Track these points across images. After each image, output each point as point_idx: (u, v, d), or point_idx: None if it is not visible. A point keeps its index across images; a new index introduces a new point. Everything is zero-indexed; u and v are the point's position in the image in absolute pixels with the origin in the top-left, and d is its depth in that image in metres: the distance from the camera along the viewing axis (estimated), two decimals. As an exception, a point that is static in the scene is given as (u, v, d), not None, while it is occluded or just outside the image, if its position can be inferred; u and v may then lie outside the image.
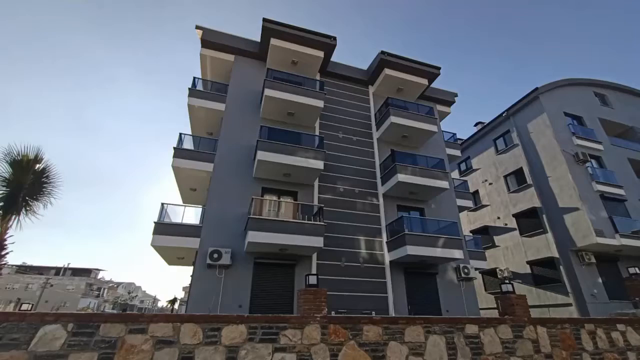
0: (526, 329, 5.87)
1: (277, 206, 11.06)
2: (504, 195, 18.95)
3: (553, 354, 5.81)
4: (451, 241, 11.52)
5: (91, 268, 59.09)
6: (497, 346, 5.50)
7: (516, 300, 6.15)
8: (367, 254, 11.75)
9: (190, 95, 12.54)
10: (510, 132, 19.37)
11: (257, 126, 11.96)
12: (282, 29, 13.01)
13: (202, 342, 4.07)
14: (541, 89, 18.24)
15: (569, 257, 14.80)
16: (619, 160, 17.87)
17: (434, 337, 5.18)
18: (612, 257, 15.32)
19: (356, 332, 4.79)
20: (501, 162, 19.61)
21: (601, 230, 14.30)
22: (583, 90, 19.99)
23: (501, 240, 18.53)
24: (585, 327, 6.42)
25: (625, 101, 20.97)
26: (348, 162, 13.35)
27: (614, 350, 6.40)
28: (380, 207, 12.87)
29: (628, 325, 6.88)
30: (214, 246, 9.73)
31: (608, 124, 19.18)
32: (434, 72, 15.47)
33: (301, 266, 10.62)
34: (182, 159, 11.36)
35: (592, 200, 15.21)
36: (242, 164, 11.67)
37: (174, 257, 11.73)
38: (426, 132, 14.16)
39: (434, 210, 13.65)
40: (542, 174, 16.96)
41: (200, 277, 9.55)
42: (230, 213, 10.62)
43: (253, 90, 13.21)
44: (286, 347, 4.36)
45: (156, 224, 9.81)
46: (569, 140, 16.84)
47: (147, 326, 3.96)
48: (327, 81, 14.76)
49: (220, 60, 13.69)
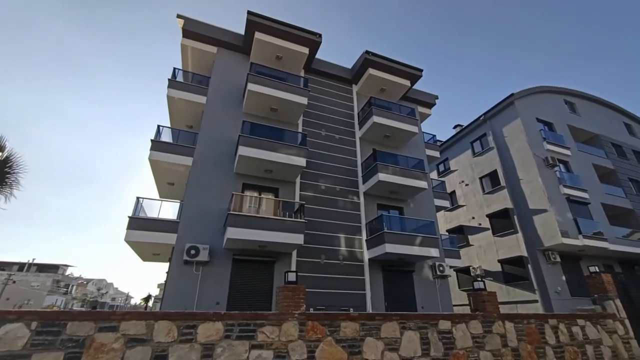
0: (495, 324, 6.15)
1: (258, 202, 10.94)
2: (479, 196, 19.66)
3: (519, 347, 6.13)
4: (428, 240, 11.84)
5: (59, 264, 56.25)
6: (468, 341, 5.73)
7: (487, 297, 6.43)
8: (347, 251, 11.87)
9: (170, 87, 12.14)
10: (486, 135, 20.09)
11: (239, 121, 11.76)
12: (267, 23, 12.82)
13: (177, 340, 3.98)
14: (516, 94, 19.02)
15: (536, 256, 15.59)
16: (585, 165, 18.97)
17: (409, 333, 5.32)
18: (575, 257, 16.28)
19: (334, 328, 4.84)
20: (477, 164, 20.32)
21: (566, 231, 15.15)
22: (554, 97, 21.04)
23: (475, 240, 19.24)
24: (549, 322, 6.81)
25: (592, 110, 22.27)
26: (330, 160, 13.40)
27: (574, 343, 6.83)
28: (361, 205, 13.03)
29: (587, 320, 7.35)
30: (191, 242, 9.52)
31: (576, 130, 20.30)
32: (416, 74, 15.77)
33: (281, 263, 10.59)
34: (160, 152, 10.99)
35: (559, 203, 16.07)
36: (222, 158, 11.46)
37: (149, 253, 11.37)
38: (407, 132, 14.44)
39: (412, 210, 13.97)
40: (515, 177, 17.73)
41: (177, 273, 9.32)
42: (209, 209, 10.41)
43: (236, 84, 12.97)
44: (263, 344, 4.34)
45: (131, 218, 9.46)
46: (540, 145, 17.68)
47: (118, 324, 3.82)
48: (312, 78, 14.72)
49: (201, 52, 13.33)
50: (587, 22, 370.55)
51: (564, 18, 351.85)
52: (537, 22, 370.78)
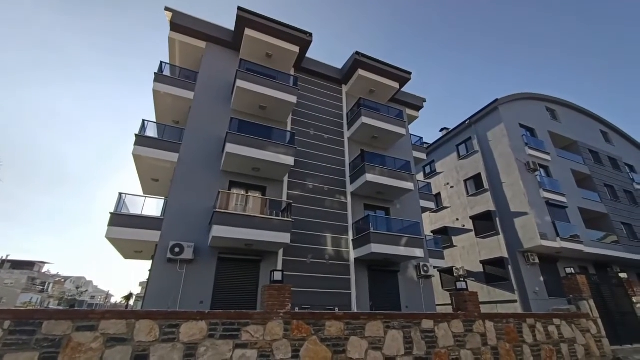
0: (476, 323, 6.31)
1: (245, 201, 10.85)
2: (463, 198, 20.10)
3: (498, 346, 6.31)
4: (413, 240, 12.03)
5: (35, 261, 54.13)
6: (450, 340, 5.87)
7: (469, 297, 6.60)
8: (333, 251, 11.92)
9: (156, 81, 11.87)
10: (471, 139, 20.55)
11: (227, 118, 11.62)
12: (257, 19, 12.71)
13: (159, 340, 3.91)
14: (501, 100, 19.54)
15: (516, 257, 16.08)
16: (563, 170, 19.68)
17: (392, 332, 5.40)
18: (552, 258, 16.88)
19: (319, 327, 4.86)
20: (462, 167, 20.77)
21: (545, 233, 15.68)
22: (536, 104, 21.73)
23: (459, 241, 19.67)
24: (526, 321, 7.04)
25: (572, 117, 23.12)
26: (318, 159, 13.42)
27: (550, 342, 7.09)
28: (348, 205, 13.10)
29: (563, 319, 7.64)
30: (175, 240, 9.35)
31: (556, 137, 21.03)
32: (405, 77, 15.96)
33: (267, 262, 10.53)
34: (145, 147, 10.73)
35: (539, 206, 16.61)
36: (209, 155, 11.29)
37: (131, 250, 11.09)
38: (395, 134, 14.61)
39: (398, 210, 14.15)
40: (498, 180, 18.21)
41: (160, 272, 9.13)
42: (194, 206, 10.25)
43: (224, 80, 12.80)
44: (247, 344, 4.32)
45: (112, 214, 9.20)
46: (522, 150, 18.23)
47: (97, 323, 3.73)
48: (301, 77, 14.69)
49: (190, 46, 13.08)
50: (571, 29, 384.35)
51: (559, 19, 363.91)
52: (530, 21, 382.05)
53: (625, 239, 19.18)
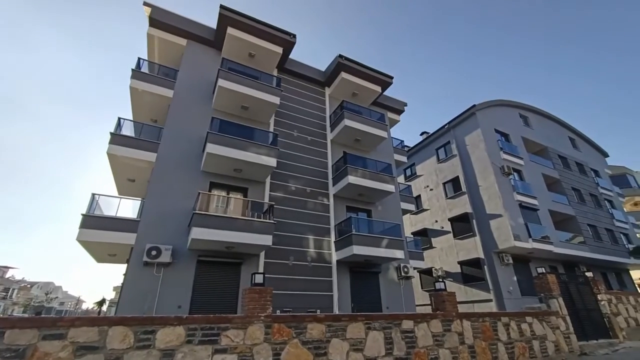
0: (454, 323, 6.47)
1: (226, 202, 10.64)
2: (442, 201, 20.64)
3: (475, 344, 6.50)
4: (394, 242, 12.21)
5: (-3, 265, 50.77)
6: (429, 339, 5.98)
7: (447, 297, 6.76)
8: (315, 253, 11.90)
9: (134, 77, 11.45)
10: (450, 143, 21.17)
11: (207, 117, 11.38)
12: (240, 19, 12.56)
13: (133, 347, 3.76)
14: (478, 106, 20.27)
15: (492, 258, 16.67)
16: (535, 174, 20.63)
17: (373, 333, 5.44)
18: (525, 259, 17.63)
19: (300, 330, 4.83)
20: (441, 170, 21.34)
21: (518, 235, 16.36)
22: (511, 111, 22.70)
23: (438, 242, 20.17)
24: (501, 320, 7.30)
25: (543, 124, 24.31)
26: (301, 161, 13.39)
27: (522, 339, 7.38)
28: (331, 207, 13.14)
29: (534, 317, 7.98)
30: (152, 242, 9.03)
31: (528, 142, 22.02)
32: (387, 81, 16.24)
33: (248, 265, 10.37)
34: (120, 145, 10.30)
35: (513, 209, 17.32)
36: (189, 155, 11.01)
37: (104, 253, 10.61)
38: (377, 137, 14.82)
39: (380, 212, 14.34)
40: (475, 183, 18.84)
41: (135, 276, 8.78)
42: (173, 207, 9.95)
43: (205, 79, 12.54)
44: (227, 348, 4.23)
45: (84, 216, 8.77)
46: (497, 154, 18.96)
47: (66, 331, 3.53)
48: (285, 78, 14.63)
49: (170, 43, 12.73)
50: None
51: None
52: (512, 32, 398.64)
53: (591, 240, 20.34)
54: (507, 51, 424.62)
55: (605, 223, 22.54)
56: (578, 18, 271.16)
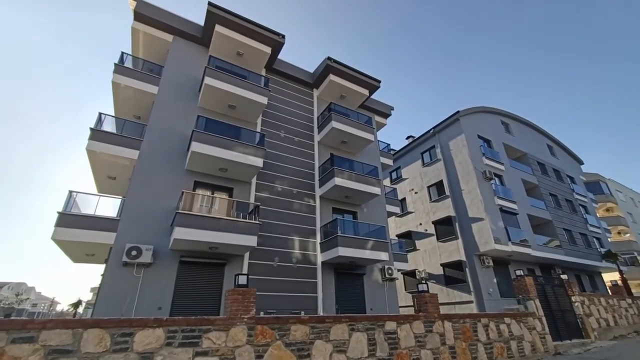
0: (436, 324, 6.58)
1: (211, 202, 10.45)
2: (426, 204, 21.00)
3: (455, 345, 6.62)
4: (379, 244, 12.32)
5: (-37, 265, 47.99)
6: (411, 340, 6.06)
7: (429, 298, 6.87)
8: (300, 254, 11.86)
9: (117, 72, 11.11)
10: (435, 147, 21.59)
11: (193, 115, 11.18)
12: (229, 17, 12.41)
13: (110, 350, 3.63)
14: (462, 112, 20.77)
15: (473, 260, 17.07)
16: (515, 180, 21.30)
17: (357, 335, 5.46)
18: (504, 261, 18.15)
19: (284, 332, 4.79)
20: (426, 174, 21.72)
21: (499, 238, 16.83)
22: (493, 117, 23.39)
23: (421, 244, 20.49)
24: (481, 321, 7.47)
25: (523, 131, 25.17)
26: (288, 162, 13.33)
27: (501, 340, 7.57)
28: (317, 208, 13.14)
29: (512, 318, 8.21)
30: (132, 242, 8.76)
31: (509, 148, 22.74)
32: (374, 85, 16.41)
33: (232, 266, 10.22)
34: (101, 142, 9.94)
35: (494, 213, 17.81)
36: (173, 154, 10.77)
37: (81, 253, 10.22)
38: (364, 140, 14.94)
39: (365, 214, 14.44)
40: (458, 187, 19.27)
41: (114, 276, 8.50)
42: (155, 207, 9.69)
43: (191, 76, 12.32)
44: (208, 351, 4.15)
45: (60, 214, 8.42)
46: (479, 160, 19.47)
47: (37, 334, 3.38)
48: (273, 78, 14.56)
49: (155, 38, 12.44)
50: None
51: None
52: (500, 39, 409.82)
53: (566, 244, 21.17)
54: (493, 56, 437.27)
55: (579, 228, 23.53)
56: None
